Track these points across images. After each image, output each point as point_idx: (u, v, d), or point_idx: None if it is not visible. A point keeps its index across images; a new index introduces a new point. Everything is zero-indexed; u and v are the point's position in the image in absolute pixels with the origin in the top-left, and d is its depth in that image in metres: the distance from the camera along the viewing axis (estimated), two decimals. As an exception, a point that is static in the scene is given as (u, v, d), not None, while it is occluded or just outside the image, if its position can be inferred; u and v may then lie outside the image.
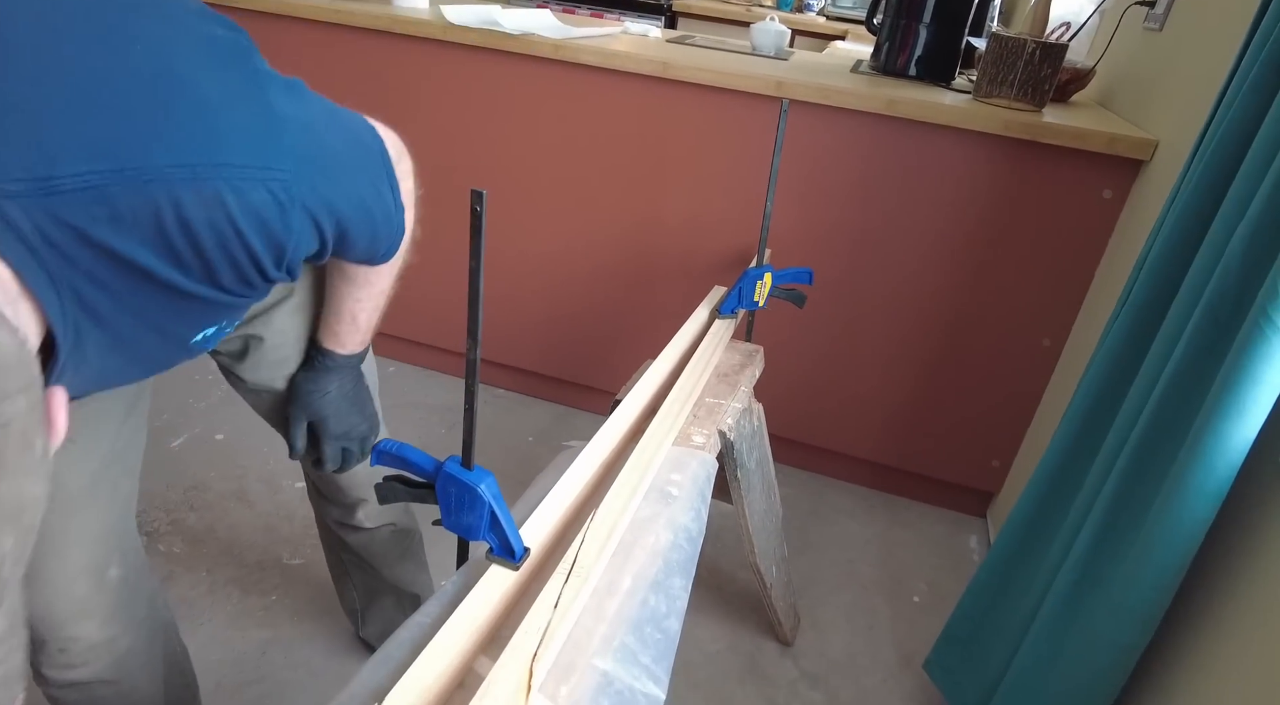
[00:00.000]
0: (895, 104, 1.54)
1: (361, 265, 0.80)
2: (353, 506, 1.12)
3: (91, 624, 0.83)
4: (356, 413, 0.92)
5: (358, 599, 1.30)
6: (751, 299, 1.25)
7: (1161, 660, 0.95)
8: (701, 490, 0.95)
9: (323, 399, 0.89)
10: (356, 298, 0.85)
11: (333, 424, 0.89)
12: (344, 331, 0.88)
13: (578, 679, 0.66)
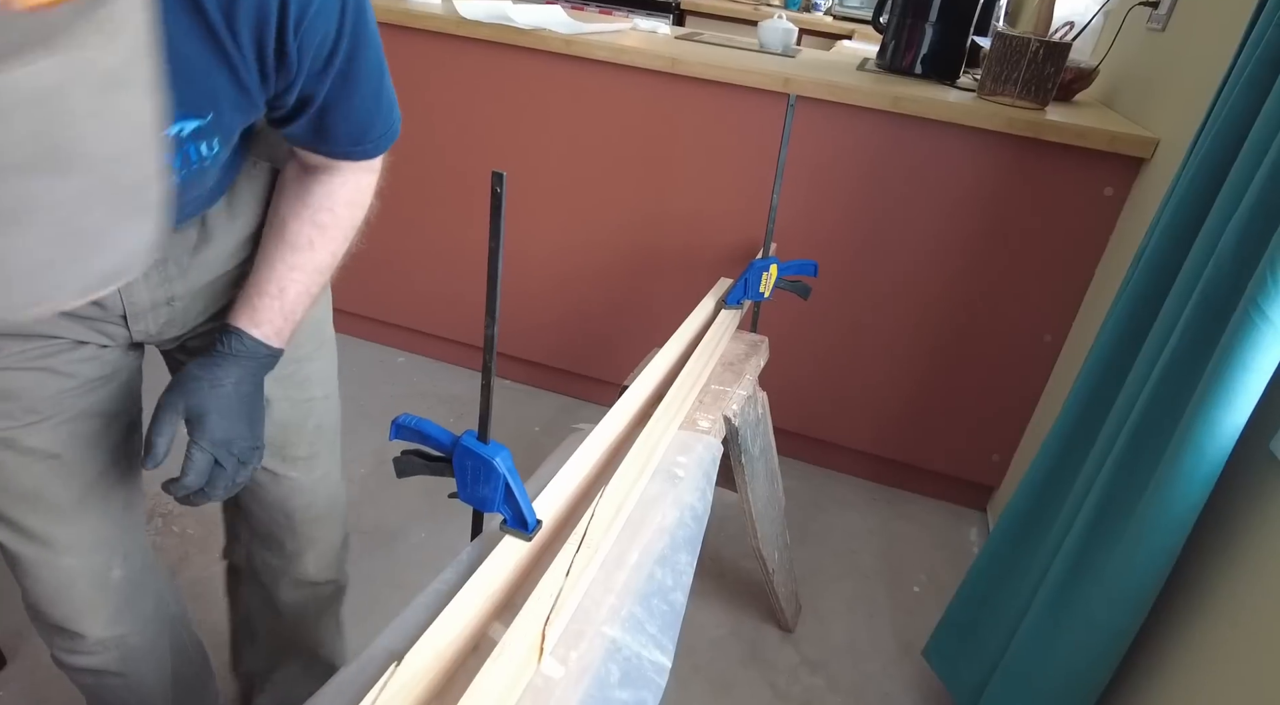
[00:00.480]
0: (900, 101, 1.56)
1: (319, 187, 0.75)
2: (298, 553, 0.98)
3: (97, 623, 0.83)
4: (244, 422, 0.73)
5: (258, 662, 1.16)
6: (757, 290, 1.28)
7: (1153, 644, 0.97)
8: (707, 472, 0.97)
9: (211, 391, 0.70)
10: (290, 264, 0.75)
11: (213, 424, 0.70)
12: (265, 307, 0.74)
13: (587, 645, 0.68)
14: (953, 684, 1.29)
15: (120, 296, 0.73)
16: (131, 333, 0.77)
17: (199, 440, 0.69)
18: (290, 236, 0.75)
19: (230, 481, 0.72)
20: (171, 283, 0.75)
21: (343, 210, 0.76)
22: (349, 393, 2.01)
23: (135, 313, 0.75)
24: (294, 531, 0.97)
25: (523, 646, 0.63)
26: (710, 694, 1.34)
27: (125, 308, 0.74)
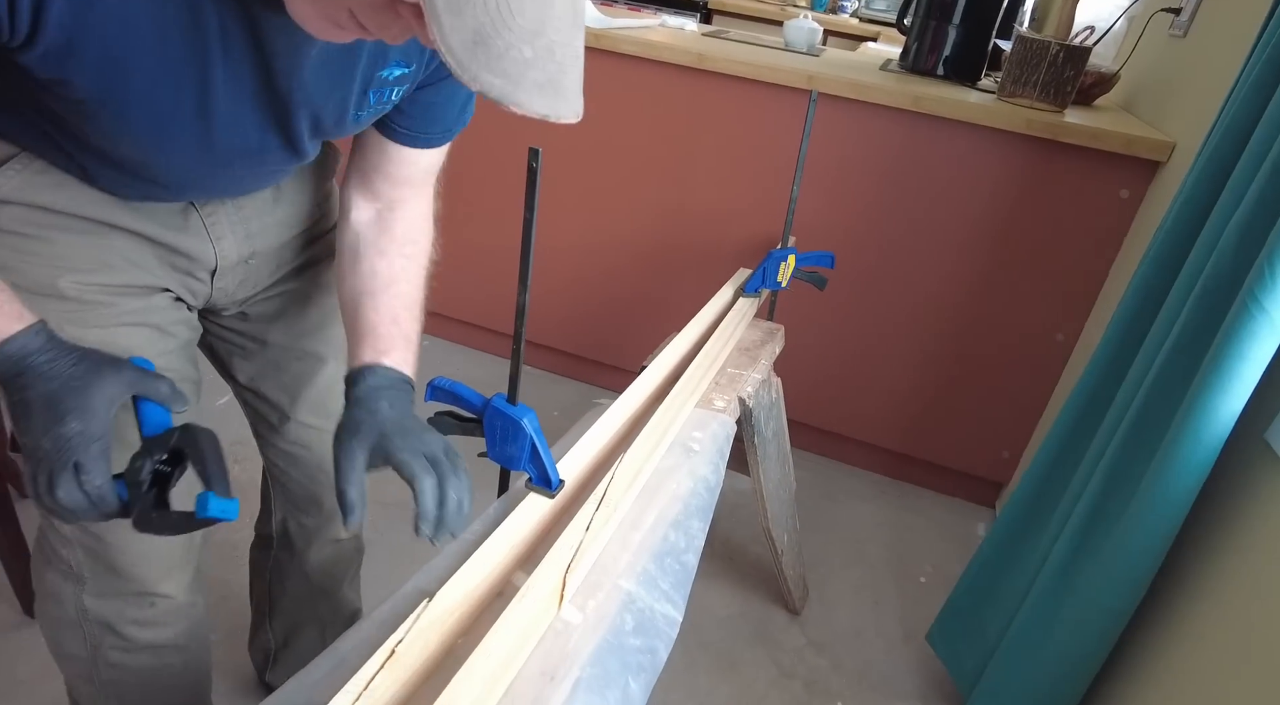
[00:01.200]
0: (921, 100, 1.60)
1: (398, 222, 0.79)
2: (336, 509, 1.01)
3: (181, 586, 0.86)
4: (422, 430, 0.72)
5: (274, 637, 1.19)
6: (775, 279, 1.32)
7: (1147, 625, 1.00)
8: (720, 448, 1.02)
9: (373, 418, 0.69)
10: (394, 295, 0.78)
11: (402, 444, 0.67)
12: (386, 336, 0.75)
13: (604, 595, 0.73)
14: (954, 667, 1.33)
15: (214, 250, 0.77)
16: (213, 290, 0.81)
17: (406, 463, 0.66)
18: (386, 276, 0.78)
19: (452, 473, 0.68)
20: (253, 239, 0.80)
21: (421, 237, 0.83)
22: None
23: (224, 268, 0.79)
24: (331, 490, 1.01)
25: (545, 592, 0.68)
26: (717, 669, 1.38)
27: (218, 261, 0.78)
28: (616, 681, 0.68)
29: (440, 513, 0.64)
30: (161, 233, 0.72)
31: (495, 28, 0.44)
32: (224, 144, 0.63)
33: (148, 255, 0.73)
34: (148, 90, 0.55)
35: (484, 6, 0.43)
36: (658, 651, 0.74)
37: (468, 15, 0.43)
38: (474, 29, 0.43)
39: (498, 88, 0.45)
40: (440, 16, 0.43)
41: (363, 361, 0.74)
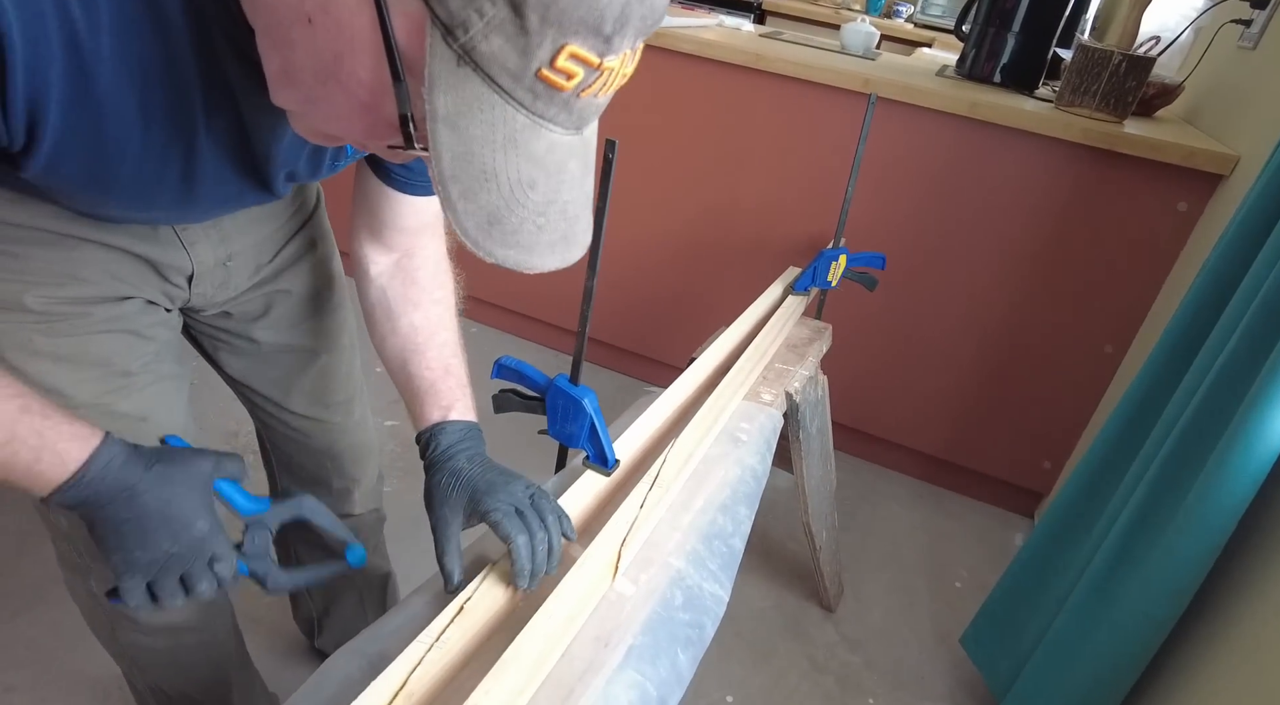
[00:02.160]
0: (977, 107, 1.60)
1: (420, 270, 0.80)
2: (345, 491, 1.04)
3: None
4: (508, 478, 0.70)
5: (314, 606, 1.22)
6: (825, 279, 1.34)
7: (1190, 636, 1.00)
8: (768, 440, 1.04)
9: (458, 479, 0.70)
10: (439, 345, 0.79)
11: (490, 500, 0.67)
12: (446, 392, 0.77)
13: (656, 570, 0.76)
14: (988, 672, 1.33)
15: (190, 257, 0.74)
16: (191, 294, 0.78)
17: (499, 523, 0.66)
18: (426, 329, 0.79)
19: (538, 521, 0.68)
20: (228, 240, 0.77)
21: (446, 279, 0.83)
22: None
23: (200, 272, 0.76)
24: (340, 471, 1.01)
25: (600, 563, 0.72)
26: (751, 659, 1.41)
27: (194, 267, 0.75)
28: (666, 652, 0.71)
29: (534, 565, 0.66)
30: (133, 243, 0.70)
31: (509, 207, 0.45)
32: (205, 199, 0.63)
33: (120, 264, 0.70)
34: (135, 172, 0.55)
35: (497, 191, 0.44)
36: (705, 627, 0.77)
37: (481, 200, 0.44)
38: (488, 212, 0.45)
39: (513, 259, 0.47)
40: (455, 204, 0.44)
41: (431, 421, 0.75)
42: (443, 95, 0.41)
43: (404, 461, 1.74)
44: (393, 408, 1.90)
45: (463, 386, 0.79)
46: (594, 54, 0.42)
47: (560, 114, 0.44)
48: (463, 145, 0.43)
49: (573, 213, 0.49)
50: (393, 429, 1.83)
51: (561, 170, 0.47)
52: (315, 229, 0.89)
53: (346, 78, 0.45)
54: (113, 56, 0.46)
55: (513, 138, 0.43)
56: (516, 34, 0.40)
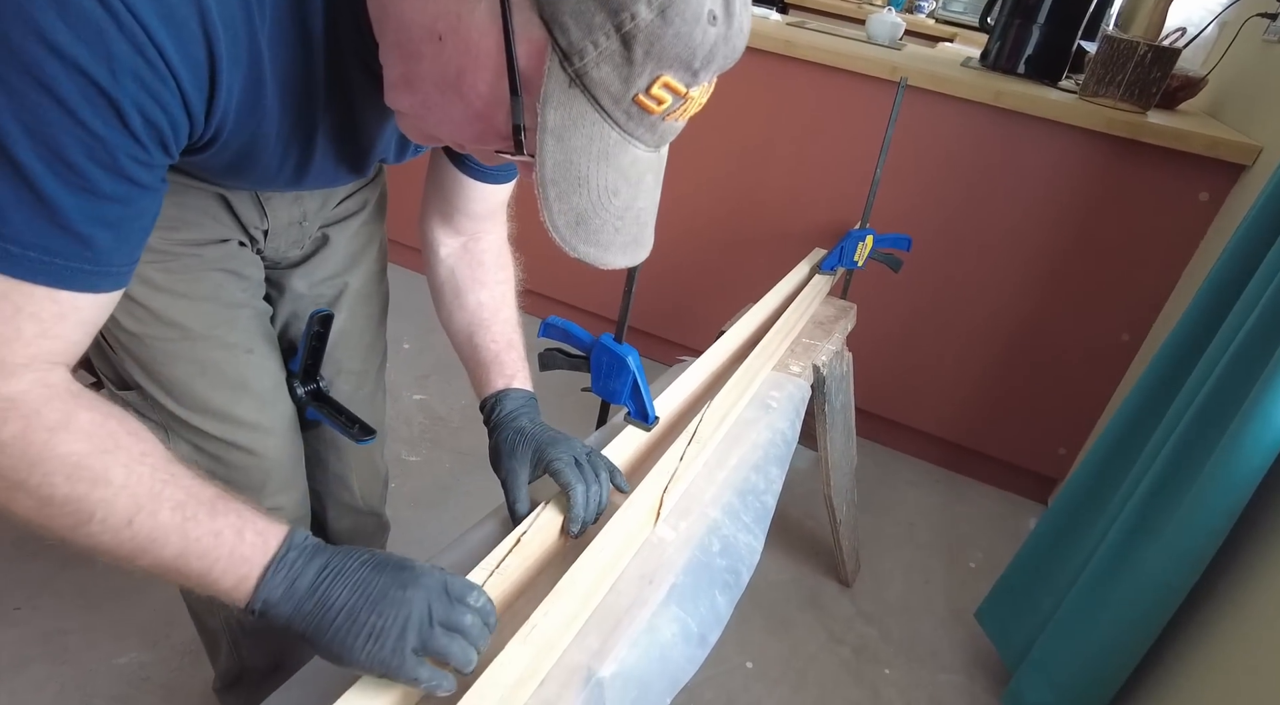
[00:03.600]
0: (1002, 95, 1.63)
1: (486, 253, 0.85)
2: (343, 475, 1.02)
3: (291, 498, 0.91)
4: (564, 437, 0.76)
5: None
6: (852, 258, 1.37)
7: (1205, 602, 1.03)
8: (797, 408, 1.08)
9: (522, 436, 0.75)
10: (503, 321, 0.84)
11: (553, 450, 0.73)
12: (509, 363, 0.82)
13: (694, 519, 0.80)
14: (1002, 645, 1.37)
15: (266, 214, 0.79)
16: (265, 250, 0.83)
17: (561, 471, 0.71)
18: (491, 306, 0.84)
19: (605, 484, 0.73)
20: (302, 201, 0.82)
21: (508, 262, 0.89)
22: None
23: (276, 229, 0.81)
24: (338, 450, 1.00)
25: (643, 508, 0.75)
26: (769, 629, 1.45)
27: (270, 223, 0.80)
28: (706, 593, 0.75)
29: (586, 514, 0.71)
30: (224, 191, 0.75)
31: (594, 210, 0.51)
32: (309, 181, 0.68)
33: (218, 210, 0.76)
34: (267, 161, 0.60)
35: (587, 195, 0.51)
36: (740, 574, 0.81)
37: (573, 201, 0.51)
38: (577, 213, 0.51)
39: (592, 255, 0.53)
40: (551, 204, 0.50)
41: (495, 388, 0.81)
42: (553, 111, 0.48)
43: (432, 434, 1.79)
44: (420, 382, 1.95)
45: (523, 360, 0.85)
46: (683, 85, 0.49)
47: (646, 134, 0.51)
48: (564, 154, 0.49)
49: (644, 219, 0.56)
50: (421, 402, 1.88)
51: (640, 181, 0.53)
52: (371, 192, 0.93)
53: (467, 90, 0.50)
54: (270, 65, 0.52)
55: (605, 151, 0.50)
56: (623, 64, 0.46)
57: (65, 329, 0.49)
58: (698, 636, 0.71)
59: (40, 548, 1.33)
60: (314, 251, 0.90)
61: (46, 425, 0.48)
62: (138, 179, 0.48)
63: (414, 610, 0.52)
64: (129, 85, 0.44)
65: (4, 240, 0.45)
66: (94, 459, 0.48)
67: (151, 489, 0.49)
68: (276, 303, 0.90)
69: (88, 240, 0.47)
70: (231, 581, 0.51)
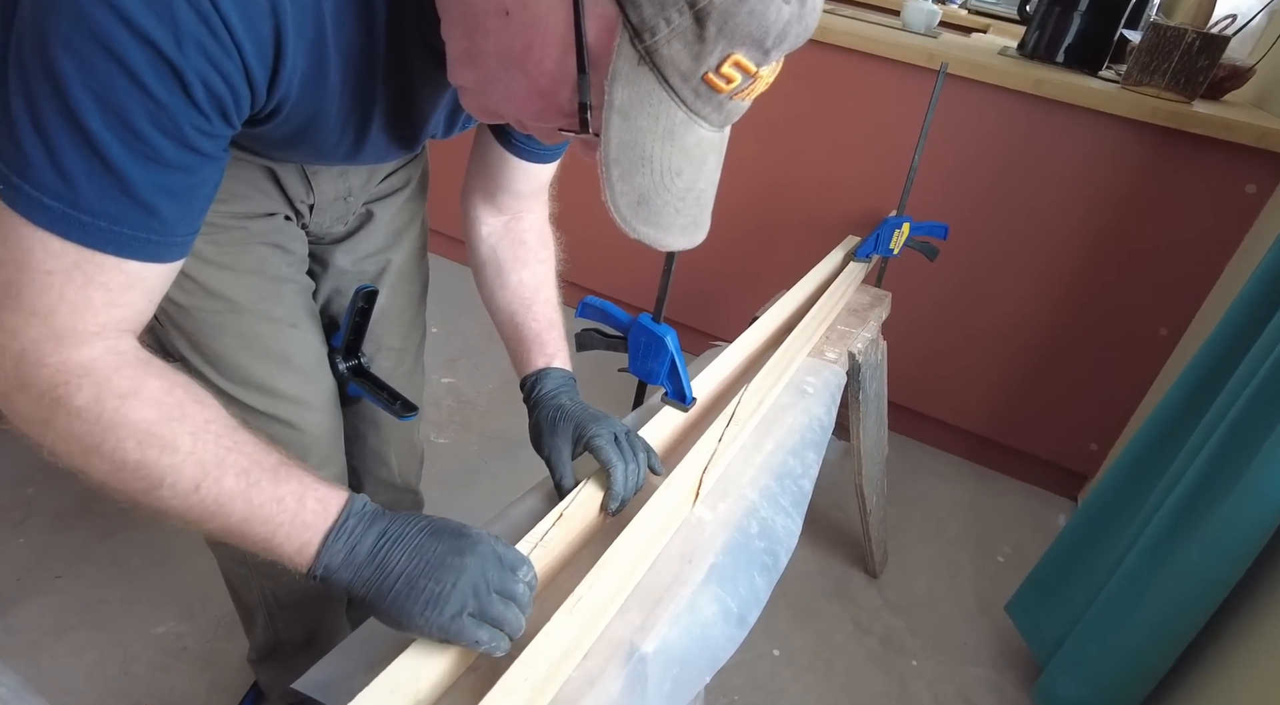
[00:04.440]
0: (1042, 84, 1.60)
1: (528, 233, 0.85)
2: (380, 451, 1.03)
3: (330, 473, 0.90)
4: (603, 415, 0.77)
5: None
6: (887, 246, 1.36)
7: (1250, 596, 1.01)
8: (833, 394, 1.07)
9: (563, 412, 0.76)
10: (544, 300, 0.85)
11: (594, 428, 0.74)
12: (550, 342, 0.83)
13: (732, 501, 0.80)
14: (1032, 638, 1.35)
15: (313, 188, 0.79)
16: (310, 225, 0.84)
17: (602, 449, 0.71)
18: (533, 285, 0.85)
19: (642, 463, 0.74)
20: (347, 176, 0.82)
21: (550, 241, 0.90)
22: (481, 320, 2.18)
23: (321, 203, 0.81)
24: (377, 426, 1.01)
25: (682, 488, 0.75)
26: (795, 618, 1.44)
27: (315, 198, 0.80)
28: (745, 573, 0.74)
29: (626, 492, 0.72)
30: (272, 164, 0.75)
31: (656, 190, 0.51)
32: (362, 158, 0.68)
33: (266, 184, 0.76)
34: (325, 136, 0.60)
35: (650, 175, 0.50)
36: (779, 556, 0.80)
37: (636, 181, 0.50)
38: (639, 193, 0.50)
39: (651, 236, 0.52)
40: (615, 184, 0.49)
41: (536, 367, 0.82)
42: (621, 89, 0.47)
43: (460, 416, 1.80)
44: (449, 366, 1.96)
45: (563, 339, 0.86)
46: (753, 64, 0.47)
47: (713, 113, 0.50)
48: (629, 133, 0.48)
49: (704, 200, 0.55)
50: (449, 386, 1.89)
51: (703, 162, 0.52)
52: (414, 169, 0.93)
53: (532, 66, 0.50)
54: (334, 40, 0.52)
55: (671, 130, 0.49)
56: (694, 41, 0.45)
57: (132, 298, 0.50)
58: (737, 616, 0.71)
59: (79, 518, 1.36)
60: (358, 227, 0.90)
61: (118, 392, 0.48)
62: (200, 148, 0.48)
63: (471, 577, 0.52)
64: (193, 55, 0.44)
65: (75, 209, 0.45)
66: (162, 426, 0.49)
67: (217, 455, 0.50)
68: (319, 278, 0.91)
69: (154, 210, 0.48)
70: (294, 547, 0.52)
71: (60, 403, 0.48)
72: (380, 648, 0.57)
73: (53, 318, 0.47)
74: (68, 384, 0.48)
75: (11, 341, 0.47)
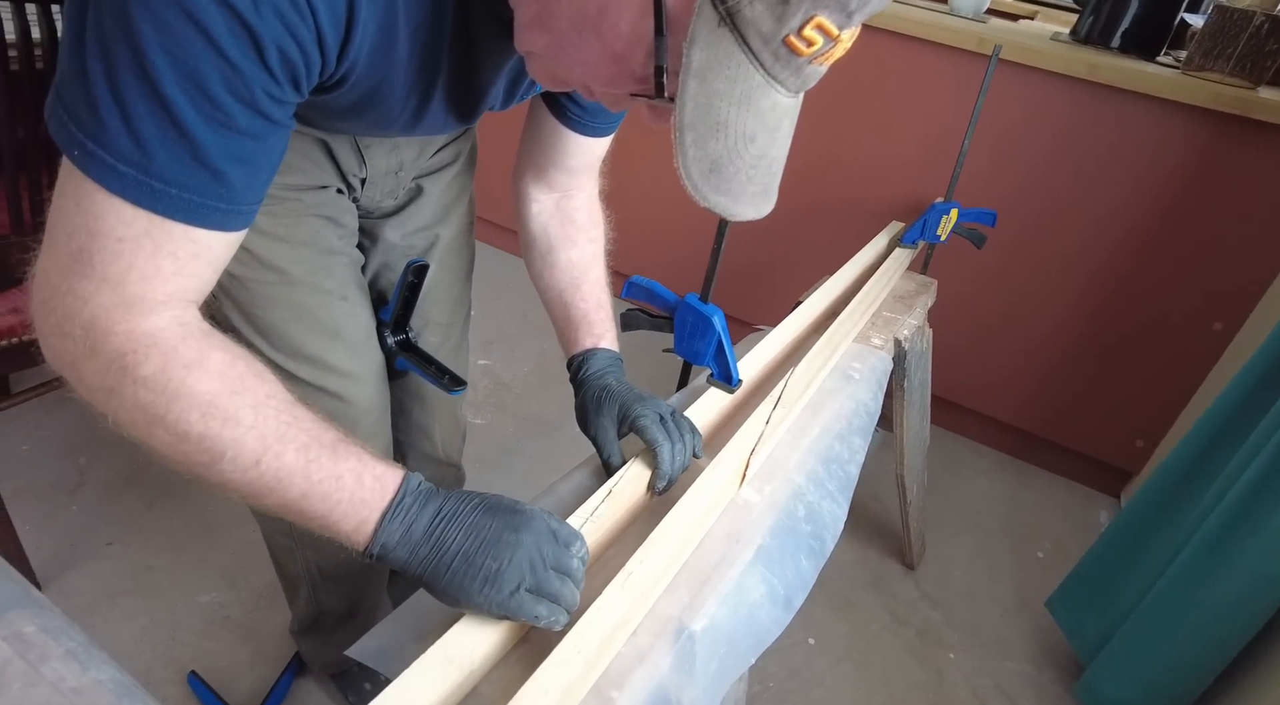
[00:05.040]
0: (1097, 69, 1.55)
1: (579, 210, 0.84)
2: (425, 426, 1.03)
3: (376, 448, 0.89)
4: (649, 396, 0.77)
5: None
6: (934, 233, 1.33)
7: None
8: (879, 380, 1.05)
9: (609, 393, 0.76)
10: (593, 280, 0.84)
11: (640, 408, 0.73)
12: (599, 322, 0.83)
13: (778, 483, 0.79)
14: (1074, 636, 1.33)
15: (364, 161, 0.79)
16: (361, 198, 0.84)
17: (648, 428, 0.71)
18: (582, 265, 0.85)
19: (688, 443, 0.73)
20: (399, 150, 0.82)
21: (600, 220, 0.89)
22: (516, 304, 2.20)
23: (372, 178, 0.81)
24: (422, 400, 1.01)
25: (729, 470, 0.74)
26: (831, 607, 1.43)
27: (368, 171, 0.80)
28: (791, 556, 0.73)
29: (673, 471, 0.71)
30: (326, 136, 0.76)
31: (729, 157, 0.49)
32: (422, 129, 0.68)
33: (320, 156, 0.76)
34: (388, 106, 0.60)
35: (724, 141, 0.48)
36: (825, 540, 0.79)
37: (709, 148, 0.48)
38: (712, 160, 0.49)
39: (722, 205, 0.51)
40: (688, 150, 0.48)
41: (584, 347, 0.81)
42: (699, 51, 0.45)
43: (496, 398, 1.81)
44: (485, 348, 1.97)
45: (611, 320, 0.85)
46: (835, 26, 0.46)
47: (790, 78, 0.48)
48: (705, 97, 0.47)
49: (775, 169, 0.54)
50: (485, 368, 1.90)
51: (777, 128, 0.51)
52: (464, 144, 0.93)
53: (607, 30, 0.49)
54: (403, 9, 0.51)
55: (748, 95, 0.47)
56: (777, 3, 0.44)
57: (199, 267, 0.50)
58: (784, 599, 0.70)
59: (128, 488, 1.39)
60: (407, 202, 0.90)
61: (183, 362, 0.49)
62: (270, 114, 0.48)
63: (527, 552, 0.52)
64: (270, 19, 0.44)
65: (148, 176, 0.45)
66: (225, 398, 0.49)
67: (277, 430, 0.50)
68: (368, 253, 0.91)
69: (223, 177, 0.48)
70: (351, 525, 0.52)
71: (127, 371, 0.48)
72: (432, 618, 0.57)
73: (123, 285, 0.47)
74: (135, 352, 0.48)
75: (82, 307, 0.48)
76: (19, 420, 1.49)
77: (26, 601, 0.53)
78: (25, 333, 1.09)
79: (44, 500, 1.35)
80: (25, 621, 0.51)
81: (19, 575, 0.55)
